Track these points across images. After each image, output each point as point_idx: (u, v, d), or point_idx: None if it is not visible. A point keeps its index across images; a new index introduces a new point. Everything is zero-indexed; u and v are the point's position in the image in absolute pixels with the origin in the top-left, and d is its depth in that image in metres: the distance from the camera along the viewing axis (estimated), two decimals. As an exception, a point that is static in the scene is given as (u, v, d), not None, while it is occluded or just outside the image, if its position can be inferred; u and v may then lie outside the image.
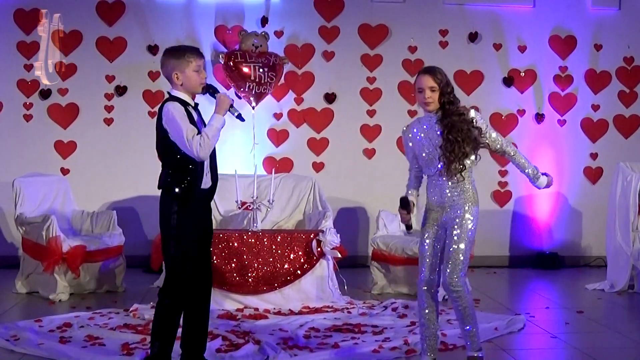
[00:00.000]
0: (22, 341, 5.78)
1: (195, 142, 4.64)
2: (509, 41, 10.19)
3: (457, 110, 4.92)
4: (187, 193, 4.77)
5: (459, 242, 4.89)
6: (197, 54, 4.87)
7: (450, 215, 4.96)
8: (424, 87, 4.92)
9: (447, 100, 4.92)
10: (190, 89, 4.85)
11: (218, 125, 4.75)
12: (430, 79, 4.92)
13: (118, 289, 8.18)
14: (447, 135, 4.87)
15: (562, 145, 10.26)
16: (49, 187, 8.59)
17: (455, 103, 4.94)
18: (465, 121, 4.90)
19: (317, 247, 7.38)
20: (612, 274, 8.50)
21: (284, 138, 9.93)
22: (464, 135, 4.87)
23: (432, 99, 4.92)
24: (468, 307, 4.93)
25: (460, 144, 4.86)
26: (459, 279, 4.86)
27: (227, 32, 9.76)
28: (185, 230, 4.80)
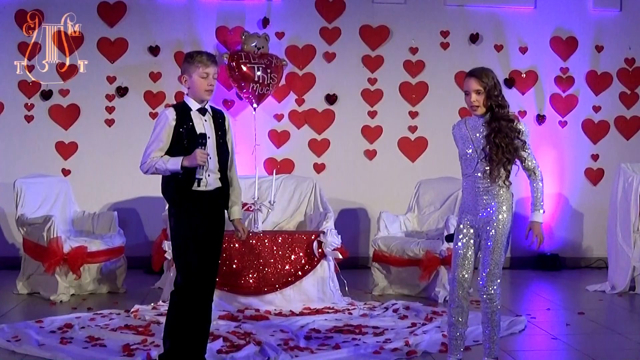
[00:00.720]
0: (23, 342, 5.78)
1: (147, 158, 4.78)
2: (510, 42, 10.20)
3: (507, 116, 4.86)
4: (178, 196, 4.82)
5: (494, 247, 4.86)
6: (207, 61, 4.86)
7: (485, 219, 4.90)
8: (470, 90, 4.87)
9: (495, 103, 4.85)
10: (195, 94, 4.87)
11: (170, 168, 4.77)
12: (476, 81, 4.86)
13: (119, 290, 8.18)
14: (494, 139, 4.81)
15: (563, 147, 10.26)
16: (50, 188, 8.59)
17: (505, 107, 4.88)
18: (513, 129, 4.85)
19: (318, 248, 7.38)
20: (613, 275, 8.50)
21: (285, 139, 9.94)
22: (509, 142, 4.82)
23: (478, 103, 4.86)
24: (496, 313, 4.93)
25: (504, 150, 4.81)
26: (494, 285, 4.87)
27: (229, 33, 9.76)
28: (181, 232, 4.83)
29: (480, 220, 4.92)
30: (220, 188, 4.94)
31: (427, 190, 8.91)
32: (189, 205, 4.83)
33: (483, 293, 4.88)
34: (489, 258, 4.86)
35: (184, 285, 4.83)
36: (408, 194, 9.03)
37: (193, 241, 4.85)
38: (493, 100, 4.86)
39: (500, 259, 4.88)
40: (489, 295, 4.88)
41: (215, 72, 4.90)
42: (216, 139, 4.93)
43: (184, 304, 4.84)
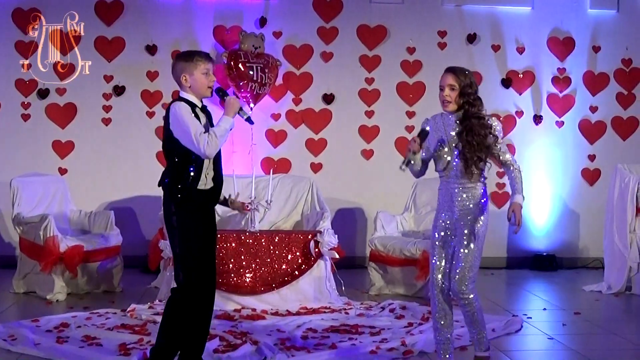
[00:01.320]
0: (20, 341, 5.77)
1: (203, 140, 4.65)
2: (507, 42, 10.20)
3: (477, 113, 4.87)
4: (184, 194, 4.79)
5: (467, 248, 4.83)
6: (206, 58, 4.88)
7: (460, 219, 4.88)
8: (444, 85, 4.91)
9: (466, 101, 4.87)
10: (198, 91, 4.86)
11: (227, 126, 4.77)
12: (452, 77, 4.90)
13: (115, 289, 8.18)
14: (466, 137, 4.83)
15: (560, 147, 10.27)
16: (46, 187, 8.58)
17: (477, 105, 4.89)
18: (484, 126, 4.85)
19: (315, 247, 7.38)
20: (609, 275, 8.51)
21: (282, 139, 9.94)
22: (480, 140, 4.83)
23: (450, 98, 4.89)
24: (477, 313, 4.90)
25: (475, 148, 4.82)
26: (468, 286, 4.82)
27: (226, 32, 9.76)
28: (186, 230, 4.82)
29: (456, 221, 4.90)
30: (213, 187, 4.93)
31: (423, 190, 8.91)
32: (192, 204, 4.82)
33: (458, 295, 4.84)
34: (463, 259, 4.82)
35: (187, 284, 4.82)
36: (405, 193, 9.03)
37: (197, 240, 4.85)
38: (466, 98, 4.87)
39: (475, 260, 4.84)
40: (464, 297, 4.83)
41: (213, 69, 4.92)
42: None
43: (186, 302, 4.83)
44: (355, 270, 9.25)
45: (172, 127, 4.74)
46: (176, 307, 4.86)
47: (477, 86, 4.97)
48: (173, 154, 4.80)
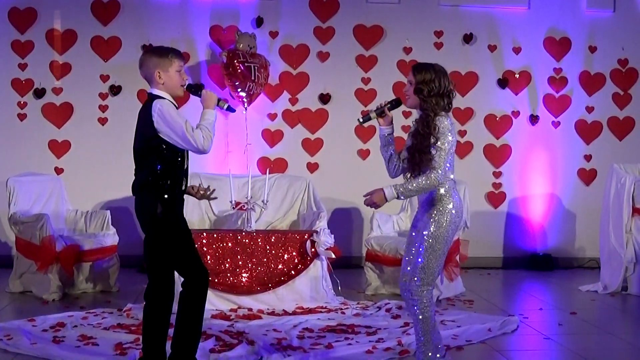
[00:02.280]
0: (15, 341, 5.76)
1: (198, 136, 4.59)
2: (503, 42, 10.21)
3: (426, 110, 4.70)
4: (171, 192, 4.76)
5: (425, 252, 4.64)
6: (180, 56, 4.87)
7: (422, 223, 4.72)
8: (406, 81, 4.88)
9: (420, 97, 4.73)
10: (171, 89, 4.79)
11: (211, 119, 4.73)
12: (411, 73, 4.83)
13: (112, 289, 8.17)
14: (412, 137, 4.76)
15: (556, 147, 10.28)
16: (42, 187, 8.57)
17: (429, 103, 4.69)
18: (427, 124, 4.66)
19: (311, 247, 7.38)
20: (605, 275, 8.52)
21: (279, 138, 9.94)
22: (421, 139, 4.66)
23: (408, 94, 4.83)
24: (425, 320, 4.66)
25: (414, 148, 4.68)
26: (418, 289, 4.62)
27: (222, 32, 9.75)
28: (174, 230, 4.83)
29: (420, 223, 4.74)
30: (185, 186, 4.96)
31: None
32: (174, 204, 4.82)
33: (406, 296, 4.68)
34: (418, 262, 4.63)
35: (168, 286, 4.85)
36: (401, 193, 9.02)
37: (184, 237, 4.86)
38: (419, 95, 4.73)
39: (429, 264, 4.61)
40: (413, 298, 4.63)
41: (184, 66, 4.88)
42: None
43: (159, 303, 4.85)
44: (352, 270, 9.24)
45: (158, 126, 4.65)
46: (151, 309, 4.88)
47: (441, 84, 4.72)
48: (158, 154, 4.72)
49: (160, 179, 4.75)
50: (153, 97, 4.78)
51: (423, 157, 4.63)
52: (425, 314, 4.67)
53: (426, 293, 4.67)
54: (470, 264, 9.19)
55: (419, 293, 4.65)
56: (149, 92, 4.84)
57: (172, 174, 4.76)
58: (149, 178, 4.77)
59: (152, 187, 4.76)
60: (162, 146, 4.70)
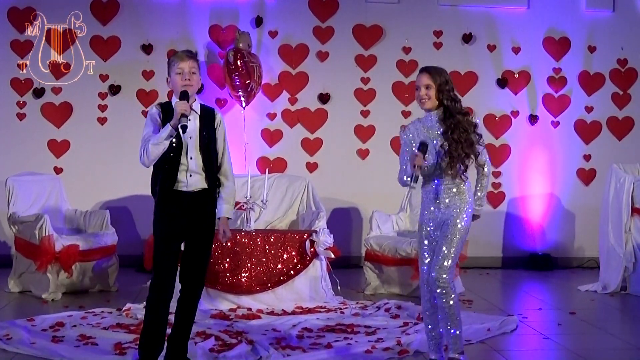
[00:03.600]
0: (15, 340, 5.76)
1: (141, 148, 4.74)
2: (503, 42, 10.21)
3: (461, 109, 4.93)
4: (163, 193, 4.83)
5: (450, 241, 4.89)
6: (181, 57, 4.85)
7: (446, 214, 4.95)
8: (420, 85, 4.94)
9: (446, 97, 4.91)
10: (176, 92, 4.86)
11: (163, 134, 4.72)
12: (426, 76, 4.93)
13: (111, 289, 8.17)
14: (452, 135, 4.87)
15: (555, 147, 10.28)
16: (42, 186, 8.57)
17: (458, 101, 4.94)
18: (469, 122, 4.92)
19: (311, 247, 7.38)
20: (604, 275, 8.52)
21: (278, 138, 9.93)
22: (466, 136, 4.89)
23: (427, 97, 4.93)
24: (453, 307, 4.90)
25: (462, 145, 4.87)
26: (447, 277, 4.85)
27: (222, 31, 9.75)
28: (158, 230, 4.87)
29: (441, 217, 4.98)
30: (206, 189, 4.91)
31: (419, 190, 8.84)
32: (169, 206, 4.84)
33: (436, 285, 4.87)
34: (444, 251, 4.88)
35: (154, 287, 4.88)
36: (400, 193, 9.02)
37: (164, 242, 4.87)
38: (444, 95, 4.91)
39: (455, 253, 4.90)
40: (442, 286, 4.85)
41: (192, 66, 4.85)
42: (200, 139, 4.88)
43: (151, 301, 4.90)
44: (351, 270, 9.24)
45: None
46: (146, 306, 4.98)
47: (453, 84, 5.00)
48: None
49: (153, 180, 4.93)
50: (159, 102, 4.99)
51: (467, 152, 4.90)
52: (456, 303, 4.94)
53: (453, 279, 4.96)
54: (469, 263, 9.19)
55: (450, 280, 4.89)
56: None
57: (163, 168, 4.84)
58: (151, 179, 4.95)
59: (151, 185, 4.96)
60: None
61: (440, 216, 4.98)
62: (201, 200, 4.91)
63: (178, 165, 4.81)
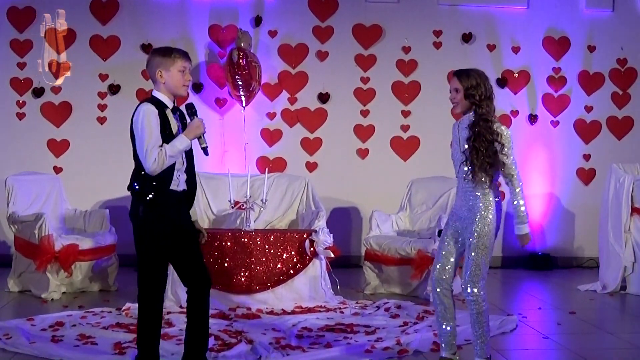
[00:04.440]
0: (14, 340, 5.76)
1: (152, 155, 4.55)
2: (502, 42, 10.21)
3: (485, 115, 4.89)
4: (155, 196, 4.71)
5: (477, 250, 4.89)
6: (185, 56, 4.77)
7: (469, 220, 4.95)
8: (450, 89, 4.98)
9: (474, 102, 4.90)
10: (172, 89, 4.74)
11: (181, 147, 4.64)
12: (455, 80, 4.95)
13: (110, 288, 8.17)
14: (473, 142, 4.87)
15: (555, 146, 10.28)
16: (41, 186, 8.57)
17: (484, 107, 4.88)
18: (491, 130, 4.86)
19: (310, 246, 7.38)
20: (604, 275, 8.52)
21: (278, 138, 9.93)
22: (488, 145, 4.85)
23: (455, 100, 4.95)
24: (482, 314, 4.94)
25: (483, 154, 4.84)
26: (477, 286, 4.89)
27: (221, 31, 9.74)
28: (150, 234, 4.79)
29: (465, 222, 4.97)
30: (185, 190, 4.86)
31: (419, 189, 8.92)
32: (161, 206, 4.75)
33: (466, 294, 4.92)
34: (471, 259, 4.89)
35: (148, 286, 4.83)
36: (400, 193, 9.04)
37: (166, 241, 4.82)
38: (471, 99, 4.91)
39: (483, 261, 4.89)
40: (472, 296, 4.90)
41: (190, 68, 4.83)
42: None
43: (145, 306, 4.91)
44: (351, 270, 9.25)
45: (132, 129, 4.70)
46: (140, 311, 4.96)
47: (487, 88, 4.96)
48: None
49: (145, 179, 4.72)
50: (145, 100, 4.77)
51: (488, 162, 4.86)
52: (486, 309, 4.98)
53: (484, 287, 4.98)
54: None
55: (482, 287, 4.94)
56: (152, 93, 4.80)
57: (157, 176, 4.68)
58: (136, 178, 4.77)
59: (137, 187, 4.77)
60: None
61: (465, 222, 4.98)
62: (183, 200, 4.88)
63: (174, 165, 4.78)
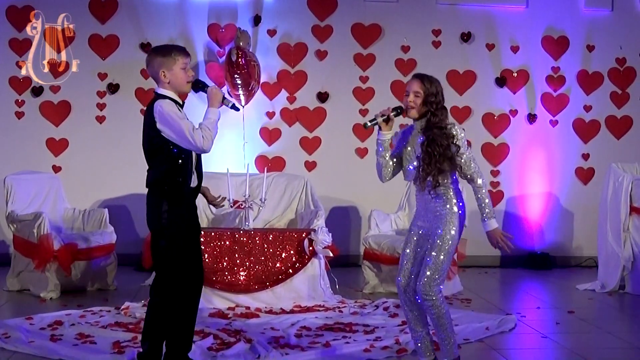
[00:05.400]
0: (13, 339, 5.75)
1: (198, 135, 4.58)
2: (501, 41, 10.21)
3: (438, 123, 4.82)
4: (178, 191, 4.76)
5: (438, 253, 4.77)
6: (184, 53, 4.81)
7: (433, 225, 4.86)
8: (410, 91, 4.91)
9: (430, 110, 4.84)
10: (177, 87, 4.78)
11: (215, 118, 4.71)
12: (417, 83, 4.89)
13: (109, 287, 8.16)
14: (427, 148, 4.81)
15: (554, 146, 10.28)
16: (40, 185, 8.56)
17: (439, 116, 4.84)
18: (446, 136, 4.80)
19: (309, 246, 7.37)
20: (603, 274, 8.52)
21: (277, 137, 9.93)
22: (442, 151, 4.78)
23: (414, 104, 4.89)
24: (443, 317, 4.82)
25: (436, 159, 4.77)
26: (433, 288, 4.76)
27: (220, 30, 9.74)
28: (176, 228, 4.79)
29: (428, 226, 4.90)
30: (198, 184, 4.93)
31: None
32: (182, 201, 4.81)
33: (422, 297, 4.80)
34: (430, 262, 4.78)
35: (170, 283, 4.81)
36: (399, 192, 9.03)
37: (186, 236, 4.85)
38: (429, 106, 4.85)
39: (443, 264, 4.77)
40: (428, 299, 4.77)
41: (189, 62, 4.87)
42: None
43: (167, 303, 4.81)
44: (349, 269, 9.25)
45: (160, 126, 4.64)
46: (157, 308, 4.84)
47: (443, 97, 4.93)
48: (164, 152, 4.71)
49: (166, 177, 4.75)
50: (157, 97, 4.77)
51: (444, 166, 4.78)
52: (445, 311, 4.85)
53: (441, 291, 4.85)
54: (468, 262, 9.20)
55: (437, 292, 4.79)
56: (155, 91, 4.82)
57: (178, 172, 4.74)
58: (156, 177, 4.78)
59: (158, 185, 4.78)
60: (165, 145, 4.69)
61: (427, 226, 4.91)
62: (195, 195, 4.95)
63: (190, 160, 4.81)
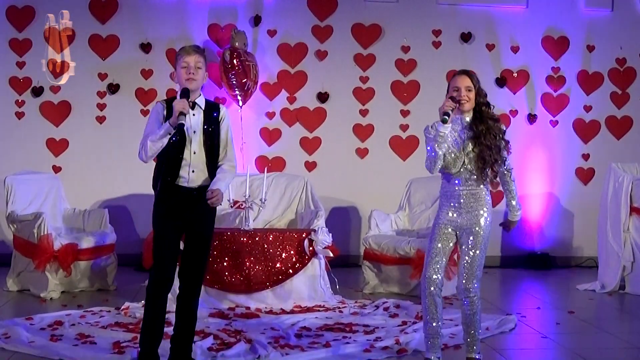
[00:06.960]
0: (13, 339, 5.76)
1: (141, 144, 4.79)
2: (501, 41, 10.21)
3: (493, 115, 5.01)
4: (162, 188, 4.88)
5: (475, 248, 4.97)
6: (187, 51, 4.90)
7: (466, 220, 5.00)
8: (460, 87, 4.98)
9: (483, 102, 5.01)
10: (181, 84, 4.91)
11: (161, 132, 4.77)
12: (468, 79, 5.00)
13: (109, 287, 8.16)
14: (484, 140, 4.94)
15: (554, 146, 10.28)
16: (40, 185, 8.56)
17: (491, 107, 5.04)
18: (499, 129, 5.00)
19: (309, 246, 7.37)
20: (603, 274, 8.52)
21: (277, 137, 9.93)
22: (496, 143, 4.97)
23: (467, 98, 4.98)
24: (477, 313, 5.00)
25: (493, 151, 4.94)
26: (474, 285, 4.94)
27: (220, 30, 9.74)
28: (157, 225, 4.91)
29: (463, 222, 5.01)
30: (208, 186, 4.90)
31: (418, 188, 8.92)
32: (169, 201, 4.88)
33: (463, 294, 4.94)
34: (470, 259, 4.93)
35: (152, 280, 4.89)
36: (399, 192, 9.03)
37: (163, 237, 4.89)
38: (482, 98, 5.01)
39: (481, 261, 4.98)
40: (471, 298, 4.94)
41: (198, 61, 4.87)
42: (204, 134, 4.90)
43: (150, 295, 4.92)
44: (350, 269, 9.25)
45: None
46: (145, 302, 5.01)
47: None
48: None
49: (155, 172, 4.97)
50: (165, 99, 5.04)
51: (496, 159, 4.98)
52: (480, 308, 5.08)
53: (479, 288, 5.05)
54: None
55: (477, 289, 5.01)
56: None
57: (164, 163, 4.88)
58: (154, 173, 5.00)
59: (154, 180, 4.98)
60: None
61: (460, 221, 5.03)
62: (202, 197, 4.89)
63: (180, 160, 4.83)
